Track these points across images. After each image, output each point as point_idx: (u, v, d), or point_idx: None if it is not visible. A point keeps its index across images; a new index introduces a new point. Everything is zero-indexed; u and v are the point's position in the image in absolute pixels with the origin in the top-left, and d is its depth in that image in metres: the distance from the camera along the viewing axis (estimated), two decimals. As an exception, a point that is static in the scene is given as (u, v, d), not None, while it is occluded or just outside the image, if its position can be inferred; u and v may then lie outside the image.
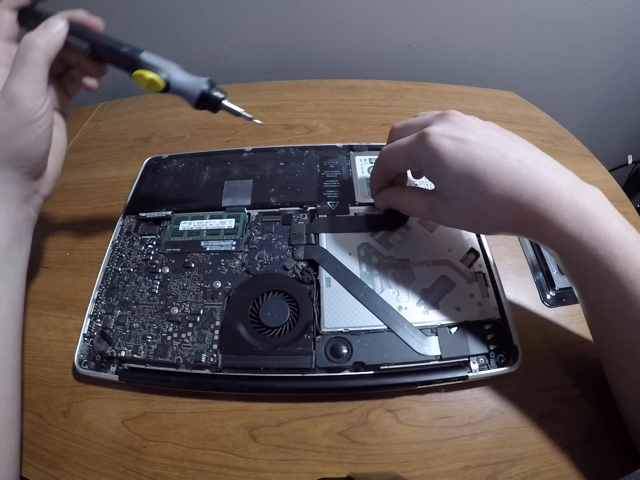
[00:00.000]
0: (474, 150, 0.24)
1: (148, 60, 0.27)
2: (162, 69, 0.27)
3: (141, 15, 0.56)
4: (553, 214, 0.22)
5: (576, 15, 0.58)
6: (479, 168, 0.23)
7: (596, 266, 0.22)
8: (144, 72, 0.26)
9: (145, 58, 0.27)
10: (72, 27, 0.26)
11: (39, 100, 0.24)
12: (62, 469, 0.27)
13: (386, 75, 0.62)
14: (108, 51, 0.27)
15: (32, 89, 0.24)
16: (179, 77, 0.28)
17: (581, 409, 0.28)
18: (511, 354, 0.29)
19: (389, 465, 0.27)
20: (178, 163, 0.43)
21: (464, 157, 0.24)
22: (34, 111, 0.24)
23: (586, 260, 0.22)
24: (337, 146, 0.43)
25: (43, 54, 0.24)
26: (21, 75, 0.23)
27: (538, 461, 0.27)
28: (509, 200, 0.23)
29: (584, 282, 0.24)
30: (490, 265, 0.33)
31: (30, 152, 0.25)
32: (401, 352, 0.29)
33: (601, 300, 0.23)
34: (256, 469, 0.27)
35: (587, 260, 0.22)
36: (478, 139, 0.24)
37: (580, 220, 0.22)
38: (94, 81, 0.29)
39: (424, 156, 0.25)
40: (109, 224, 0.39)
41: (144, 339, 0.30)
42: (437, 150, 0.24)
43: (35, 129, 0.24)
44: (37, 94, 0.24)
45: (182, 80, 0.28)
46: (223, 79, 0.63)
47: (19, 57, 0.24)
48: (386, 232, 0.35)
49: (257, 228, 0.36)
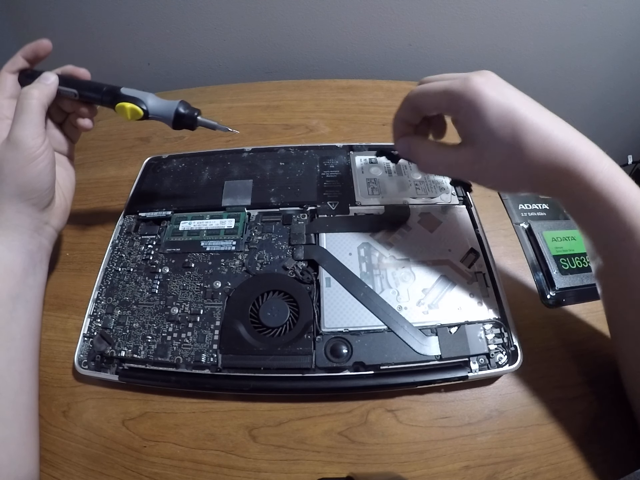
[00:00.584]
0: (515, 99, 0.25)
1: (127, 94, 0.31)
2: (140, 99, 0.31)
3: (141, 15, 0.56)
4: (582, 168, 0.24)
5: (576, 15, 0.58)
6: (521, 114, 0.24)
7: (614, 216, 0.24)
8: (125, 104, 0.31)
9: (124, 92, 0.31)
10: (62, 78, 0.31)
11: (38, 140, 0.28)
12: (62, 469, 0.28)
13: (386, 75, 0.62)
14: (93, 92, 0.32)
15: (32, 131, 0.28)
16: (155, 104, 0.31)
17: (581, 409, 0.28)
18: (511, 354, 0.29)
19: (389, 465, 0.27)
20: (178, 163, 0.43)
21: (507, 103, 0.25)
22: (35, 149, 0.28)
23: (605, 209, 0.24)
24: (337, 146, 0.43)
25: (38, 102, 0.28)
26: (22, 121, 0.28)
27: (538, 461, 0.27)
28: (545, 149, 0.24)
29: (603, 232, 0.25)
30: (490, 265, 0.33)
31: (35, 184, 0.28)
32: (401, 352, 0.29)
33: (618, 248, 0.25)
34: (256, 469, 0.27)
35: (605, 209, 0.24)
36: (517, 94, 0.26)
37: (606, 176, 0.24)
38: (87, 121, 0.33)
39: (466, 97, 0.25)
40: (109, 224, 0.39)
41: (144, 339, 0.30)
42: (481, 92, 0.25)
43: (37, 164, 0.28)
44: (36, 135, 0.28)
45: (158, 105, 0.31)
46: (223, 79, 0.63)
47: (19, 106, 0.28)
48: (386, 232, 0.35)
49: (257, 228, 0.36)
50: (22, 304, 0.28)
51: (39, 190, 0.29)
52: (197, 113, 0.32)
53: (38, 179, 0.28)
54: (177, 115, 0.31)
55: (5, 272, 0.28)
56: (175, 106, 0.31)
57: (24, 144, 0.28)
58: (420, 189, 0.38)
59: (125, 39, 0.59)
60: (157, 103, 0.32)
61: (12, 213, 0.28)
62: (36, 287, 0.30)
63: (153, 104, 0.31)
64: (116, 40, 0.59)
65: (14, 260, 0.28)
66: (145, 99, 0.31)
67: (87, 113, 0.32)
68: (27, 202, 0.28)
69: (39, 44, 0.31)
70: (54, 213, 0.31)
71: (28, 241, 0.29)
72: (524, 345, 0.29)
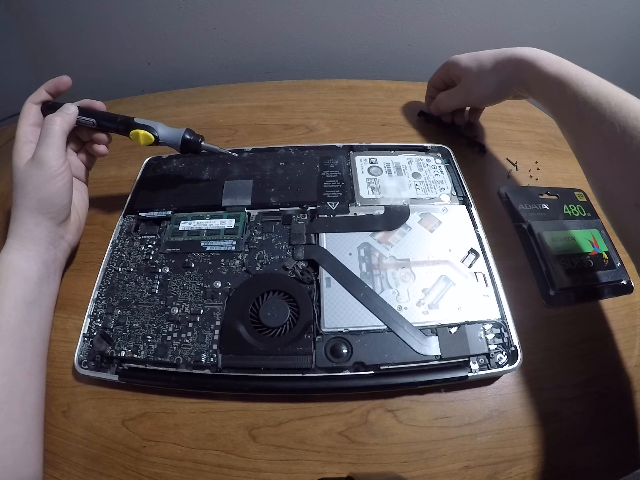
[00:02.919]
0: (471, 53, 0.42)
1: (140, 122, 0.35)
2: (151, 127, 0.35)
3: (141, 15, 0.56)
4: (532, 61, 0.35)
5: (576, 15, 0.58)
6: (480, 56, 0.41)
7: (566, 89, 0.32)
8: (138, 131, 0.35)
9: (138, 121, 0.35)
10: (81, 109, 0.35)
11: (59, 161, 0.32)
12: (62, 469, 0.28)
13: (386, 75, 0.62)
14: (109, 121, 0.36)
15: (54, 152, 0.31)
16: (164, 131, 0.36)
17: (581, 409, 0.28)
18: (511, 354, 0.29)
19: (389, 465, 0.27)
20: (178, 163, 0.43)
21: (471, 55, 0.42)
22: (56, 169, 0.31)
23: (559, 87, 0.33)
24: (337, 146, 0.43)
25: (60, 128, 0.32)
26: (46, 143, 0.31)
27: (538, 461, 0.27)
28: (499, 61, 0.39)
29: (561, 108, 0.34)
30: (490, 265, 0.33)
31: (55, 199, 0.32)
32: (401, 352, 0.29)
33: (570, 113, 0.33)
34: (256, 469, 0.27)
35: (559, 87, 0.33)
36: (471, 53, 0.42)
37: (552, 63, 0.34)
38: (102, 147, 0.37)
39: (450, 61, 0.44)
40: (109, 224, 0.39)
41: (144, 339, 0.30)
42: (457, 57, 0.43)
43: (57, 182, 0.31)
44: (57, 156, 0.32)
45: (167, 132, 0.36)
46: (223, 79, 0.63)
47: (44, 131, 0.32)
48: (386, 232, 0.35)
49: (257, 228, 0.36)
50: (36, 309, 0.31)
51: (58, 205, 0.32)
52: (201, 139, 0.36)
53: (57, 194, 0.32)
54: (183, 141, 0.35)
55: (23, 279, 0.30)
56: (182, 133, 0.35)
57: (47, 164, 0.31)
58: (420, 189, 0.38)
59: (125, 39, 0.59)
60: (166, 130, 0.36)
61: (31, 225, 0.31)
62: (49, 295, 0.32)
63: (163, 131, 0.36)
64: (116, 40, 0.59)
65: (30, 268, 0.31)
66: (156, 126, 0.35)
67: (103, 140, 0.36)
68: (46, 216, 0.31)
69: (60, 80, 0.35)
70: (69, 229, 0.34)
71: (44, 252, 0.32)
72: (524, 345, 0.29)
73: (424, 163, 0.41)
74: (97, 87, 0.65)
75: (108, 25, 0.57)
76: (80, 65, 0.63)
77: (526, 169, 0.44)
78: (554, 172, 0.43)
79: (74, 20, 0.57)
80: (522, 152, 0.45)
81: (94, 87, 0.65)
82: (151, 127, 0.35)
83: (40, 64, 0.62)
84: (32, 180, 0.31)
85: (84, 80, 0.64)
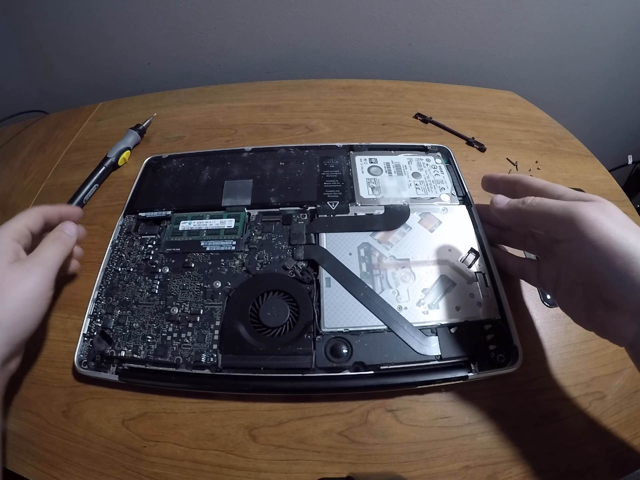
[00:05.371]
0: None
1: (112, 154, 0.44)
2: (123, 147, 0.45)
3: (141, 15, 0.56)
4: None
5: (577, 15, 0.58)
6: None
7: None
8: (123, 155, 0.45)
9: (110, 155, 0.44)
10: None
11: (49, 293, 0.28)
12: (62, 469, 0.27)
13: (386, 75, 0.62)
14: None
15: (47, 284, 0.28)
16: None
17: (581, 409, 0.28)
18: (511, 354, 0.29)
19: (389, 465, 0.27)
20: (178, 163, 0.43)
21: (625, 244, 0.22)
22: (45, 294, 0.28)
23: None
24: (337, 146, 0.43)
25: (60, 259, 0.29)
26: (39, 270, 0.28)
27: (538, 461, 0.27)
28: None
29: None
30: (490, 265, 0.33)
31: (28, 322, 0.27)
32: (401, 352, 0.29)
33: None
34: (256, 469, 0.27)
35: None
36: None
37: None
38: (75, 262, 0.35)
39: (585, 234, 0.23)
40: (108, 223, 0.39)
41: (144, 339, 0.30)
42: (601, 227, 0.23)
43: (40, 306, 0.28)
44: (49, 288, 0.28)
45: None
46: (223, 79, 0.63)
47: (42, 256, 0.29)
48: (386, 232, 0.35)
49: (257, 228, 0.36)
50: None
51: (28, 329, 0.27)
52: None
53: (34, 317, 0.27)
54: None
55: None
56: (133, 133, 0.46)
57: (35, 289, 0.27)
58: (420, 189, 0.38)
59: (125, 39, 0.59)
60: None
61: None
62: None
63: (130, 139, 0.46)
64: (116, 40, 0.59)
65: None
66: (125, 142, 0.46)
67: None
68: (7, 333, 0.26)
69: (74, 212, 0.34)
70: (16, 357, 0.28)
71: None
72: (524, 345, 0.29)
73: (424, 163, 0.41)
74: (97, 87, 0.65)
75: (108, 25, 0.57)
76: (80, 66, 0.63)
77: (526, 169, 0.43)
78: (554, 171, 0.43)
79: (73, 21, 0.57)
80: (523, 151, 0.45)
81: (94, 88, 0.65)
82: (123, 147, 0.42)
83: (40, 65, 0.62)
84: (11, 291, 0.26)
85: (84, 81, 0.65)
